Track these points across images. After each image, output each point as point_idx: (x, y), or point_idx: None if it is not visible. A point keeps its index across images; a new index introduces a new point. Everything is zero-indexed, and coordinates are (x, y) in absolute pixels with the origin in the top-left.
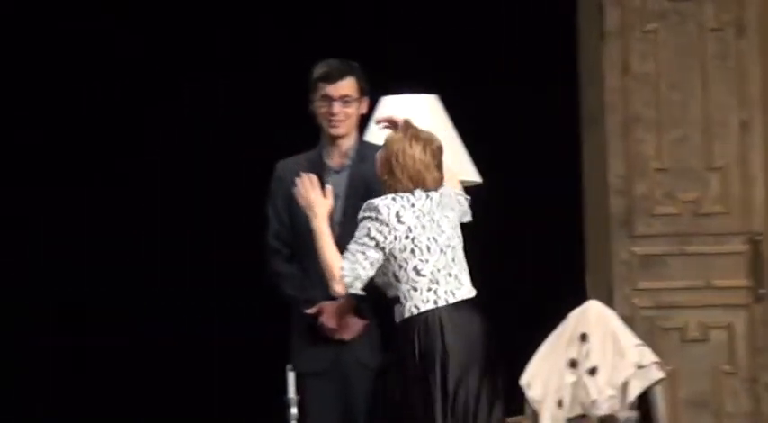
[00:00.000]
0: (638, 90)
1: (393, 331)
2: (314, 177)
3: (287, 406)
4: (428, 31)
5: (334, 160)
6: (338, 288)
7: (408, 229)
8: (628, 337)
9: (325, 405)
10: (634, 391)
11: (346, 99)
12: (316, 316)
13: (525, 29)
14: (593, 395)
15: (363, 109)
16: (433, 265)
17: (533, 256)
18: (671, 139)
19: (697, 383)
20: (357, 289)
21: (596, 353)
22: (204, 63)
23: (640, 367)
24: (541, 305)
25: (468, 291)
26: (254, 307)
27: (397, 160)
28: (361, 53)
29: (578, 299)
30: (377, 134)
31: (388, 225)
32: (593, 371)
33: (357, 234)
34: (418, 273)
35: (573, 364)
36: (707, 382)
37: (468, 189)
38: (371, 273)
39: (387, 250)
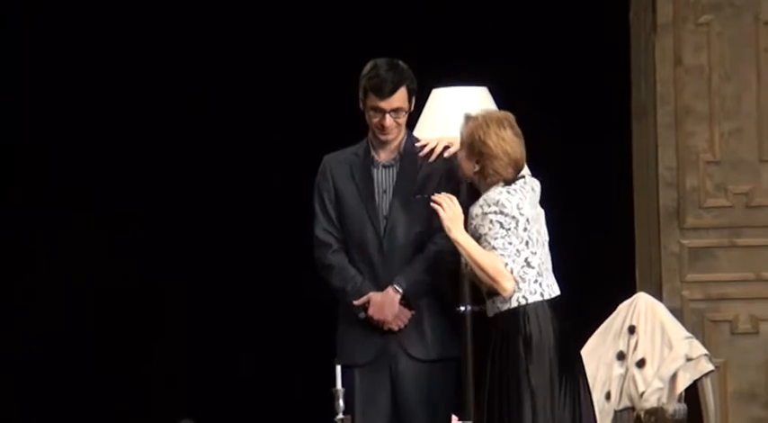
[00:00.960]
0: (690, 82)
1: (488, 321)
2: (452, 196)
3: (334, 398)
4: (478, 23)
5: (382, 155)
6: (510, 285)
7: (527, 220)
8: (676, 330)
9: (372, 396)
10: (682, 384)
11: (398, 110)
12: (363, 307)
13: (577, 20)
14: (641, 387)
15: (412, 108)
16: (540, 258)
17: (583, 248)
18: (723, 131)
19: (746, 376)
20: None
21: (644, 345)
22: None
23: (689, 360)
24: (590, 297)
25: (557, 287)
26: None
27: (481, 141)
28: (411, 43)
29: (627, 291)
30: (427, 127)
31: (514, 217)
32: (641, 363)
33: (488, 232)
34: (528, 264)
35: (621, 356)
36: (756, 374)
37: None
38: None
39: (519, 240)
